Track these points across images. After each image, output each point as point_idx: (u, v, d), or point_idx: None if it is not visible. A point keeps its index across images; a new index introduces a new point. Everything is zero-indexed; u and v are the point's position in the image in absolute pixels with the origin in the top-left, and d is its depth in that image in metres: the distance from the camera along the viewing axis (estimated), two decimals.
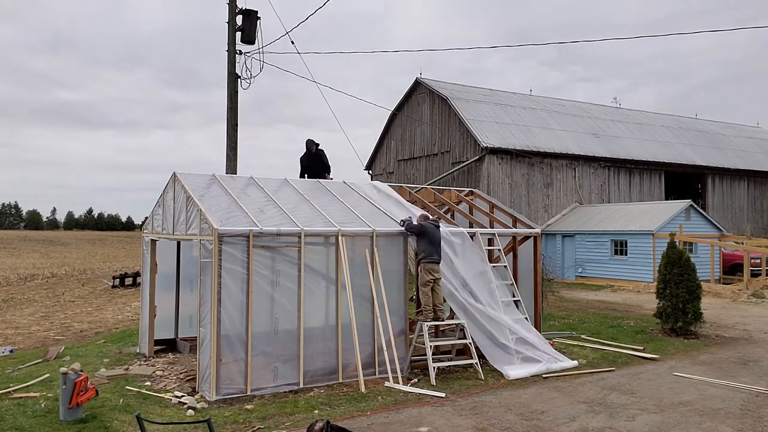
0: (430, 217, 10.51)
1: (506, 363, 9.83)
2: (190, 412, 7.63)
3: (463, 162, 28.86)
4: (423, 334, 9.65)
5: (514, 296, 10.93)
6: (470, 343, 9.90)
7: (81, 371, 7.43)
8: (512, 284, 11.03)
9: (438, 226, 10.26)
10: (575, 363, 10.35)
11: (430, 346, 9.60)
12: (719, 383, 9.25)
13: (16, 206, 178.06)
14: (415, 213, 10.78)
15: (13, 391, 8.48)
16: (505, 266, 11.16)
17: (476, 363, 9.73)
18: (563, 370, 9.96)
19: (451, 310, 10.44)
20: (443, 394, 8.57)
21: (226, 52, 16.47)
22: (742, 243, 25.89)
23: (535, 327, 11.69)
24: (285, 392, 8.57)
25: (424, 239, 9.93)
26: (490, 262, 11.47)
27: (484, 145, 27.47)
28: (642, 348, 11.69)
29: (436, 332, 11.24)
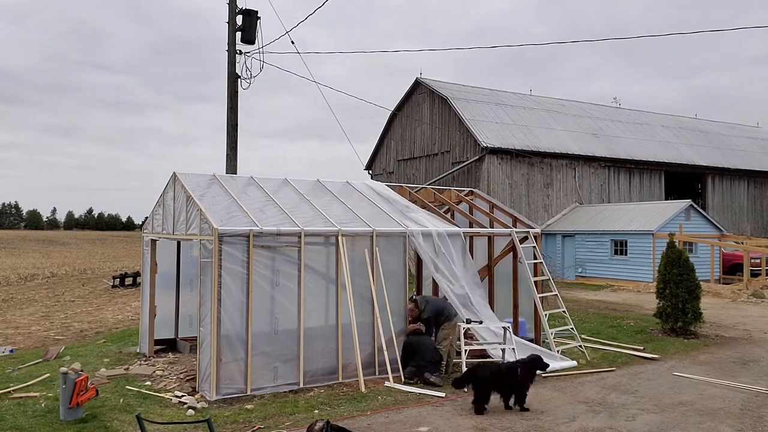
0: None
1: None
2: (190, 411, 7.63)
3: (463, 162, 28.86)
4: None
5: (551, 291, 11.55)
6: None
7: (81, 371, 7.43)
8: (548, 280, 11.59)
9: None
10: (574, 363, 10.34)
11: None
12: (719, 383, 9.26)
13: (16, 206, 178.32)
14: (414, 215, 10.81)
15: (13, 390, 8.48)
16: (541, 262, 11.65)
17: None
18: (562, 370, 9.96)
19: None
20: (443, 394, 8.57)
21: (226, 52, 16.48)
22: (742, 243, 25.89)
23: (535, 327, 11.72)
24: (285, 392, 8.57)
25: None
26: (490, 261, 11.50)
27: (484, 145, 27.47)
28: (642, 348, 11.70)
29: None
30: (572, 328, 11.21)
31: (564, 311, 11.38)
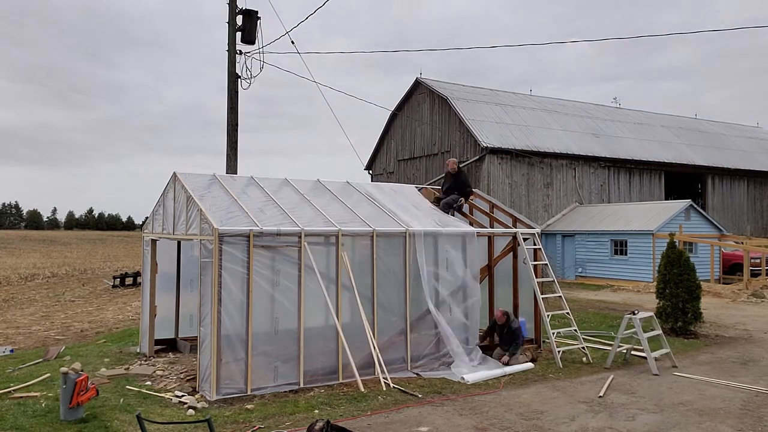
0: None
1: (465, 368, 9.82)
2: (191, 411, 7.64)
3: (464, 162, 28.84)
4: None
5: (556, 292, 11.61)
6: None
7: (81, 371, 7.44)
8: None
9: None
10: (531, 365, 10.29)
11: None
12: (719, 383, 9.26)
13: (16, 206, 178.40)
14: (418, 214, 10.82)
15: (13, 390, 8.48)
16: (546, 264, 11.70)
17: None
18: (523, 371, 9.96)
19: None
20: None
21: (227, 52, 16.49)
22: (742, 243, 25.89)
23: (535, 327, 11.73)
24: (285, 392, 8.57)
25: None
26: (490, 261, 11.50)
27: (484, 145, 27.48)
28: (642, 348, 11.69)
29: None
30: (575, 330, 11.20)
31: (568, 313, 11.37)
